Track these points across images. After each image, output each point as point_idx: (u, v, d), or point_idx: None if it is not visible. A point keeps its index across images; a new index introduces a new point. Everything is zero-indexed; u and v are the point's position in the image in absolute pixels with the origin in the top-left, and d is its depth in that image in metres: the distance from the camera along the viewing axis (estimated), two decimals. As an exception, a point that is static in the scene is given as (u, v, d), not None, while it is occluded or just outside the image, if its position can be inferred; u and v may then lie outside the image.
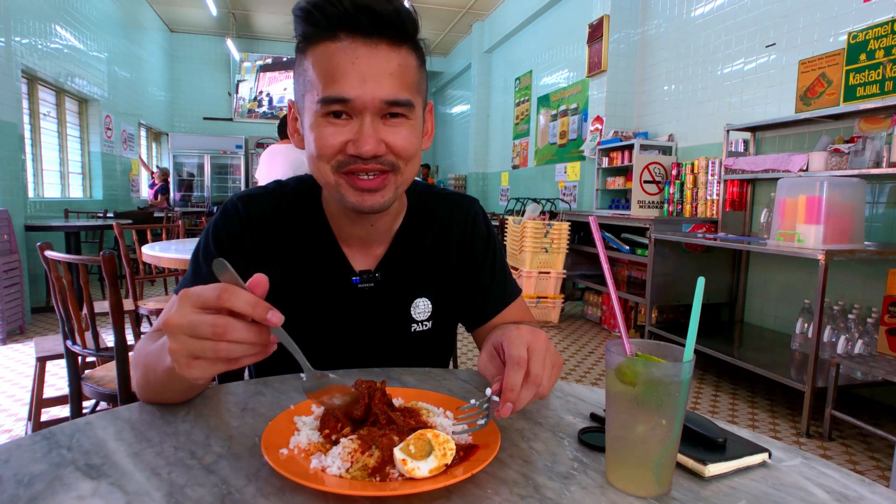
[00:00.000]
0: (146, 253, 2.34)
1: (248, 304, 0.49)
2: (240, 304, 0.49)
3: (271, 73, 10.61)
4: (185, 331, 0.50)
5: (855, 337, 2.68)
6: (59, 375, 2.95)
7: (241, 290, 0.50)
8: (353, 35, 0.69)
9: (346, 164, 0.72)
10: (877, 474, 2.16)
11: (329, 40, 0.70)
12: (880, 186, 2.89)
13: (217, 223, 0.84)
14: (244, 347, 0.50)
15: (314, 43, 0.71)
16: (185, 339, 0.50)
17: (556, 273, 4.67)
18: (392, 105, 0.71)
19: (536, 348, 0.62)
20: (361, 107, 0.70)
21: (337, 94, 0.69)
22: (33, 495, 0.47)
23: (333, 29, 0.69)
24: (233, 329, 0.49)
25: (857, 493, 0.52)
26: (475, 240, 0.94)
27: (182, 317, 0.50)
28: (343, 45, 0.69)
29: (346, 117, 0.71)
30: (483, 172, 9.14)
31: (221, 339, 0.49)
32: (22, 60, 4.75)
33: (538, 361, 0.61)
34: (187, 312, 0.50)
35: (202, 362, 0.50)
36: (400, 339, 0.89)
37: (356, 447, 0.53)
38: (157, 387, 0.67)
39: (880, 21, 2.88)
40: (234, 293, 0.49)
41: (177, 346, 0.51)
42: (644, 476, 0.51)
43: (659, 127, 4.79)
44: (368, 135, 0.70)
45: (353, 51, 0.69)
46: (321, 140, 0.71)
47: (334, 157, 0.72)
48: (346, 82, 0.69)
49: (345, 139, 0.71)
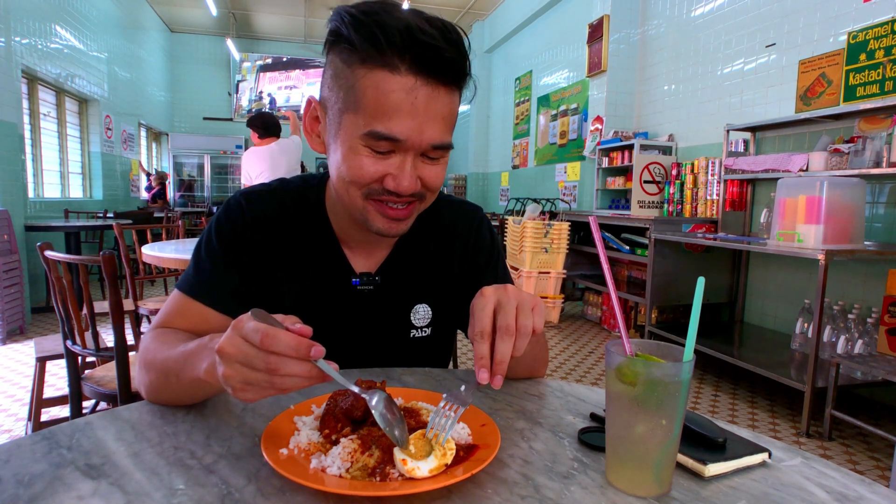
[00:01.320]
0: (146, 253, 2.34)
1: (290, 348, 0.51)
2: (282, 348, 0.51)
3: (271, 73, 10.61)
4: (239, 360, 0.52)
5: (855, 337, 2.68)
6: (59, 375, 2.95)
7: (281, 332, 0.51)
8: (416, 73, 0.66)
9: (379, 193, 0.72)
10: (877, 474, 2.16)
11: (388, 69, 0.65)
12: (880, 186, 2.89)
13: (220, 219, 0.84)
14: (296, 380, 0.52)
15: (368, 65, 0.66)
16: (239, 368, 0.52)
17: (556, 273, 4.67)
18: (436, 149, 0.71)
19: (503, 301, 0.61)
20: (408, 147, 0.69)
21: (389, 133, 0.67)
22: (33, 495, 0.47)
23: (394, 57, 0.65)
24: (284, 365, 0.51)
25: (857, 493, 0.52)
26: (478, 248, 0.94)
27: (235, 347, 0.52)
28: (404, 81, 0.65)
29: (390, 152, 0.70)
30: (483, 172, 9.14)
31: (275, 373, 0.51)
32: (22, 60, 4.75)
33: (507, 314, 0.59)
34: (240, 343, 0.52)
35: (256, 388, 0.53)
36: (398, 344, 0.89)
37: (356, 447, 0.53)
38: (177, 392, 0.67)
39: (880, 21, 2.87)
40: (276, 339, 0.51)
41: (231, 372, 0.53)
42: (644, 476, 0.51)
43: (659, 127, 4.79)
44: (410, 174, 0.70)
45: (414, 91, 0.66)
46: (359, 169, 0.70)
47: (368, 185, 0.71)
48: (401, 122, 0.66)
49: (384, 172, 0.70)
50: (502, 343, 0.58)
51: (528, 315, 0.60)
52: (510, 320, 0.59)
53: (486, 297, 0.61)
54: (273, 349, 0.50)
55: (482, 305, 0.61)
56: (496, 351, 0.58)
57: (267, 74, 10.60)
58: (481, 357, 0.58)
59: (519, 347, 0.59)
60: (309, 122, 0.79)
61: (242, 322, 0.53)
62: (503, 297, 0.61)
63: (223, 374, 0.53)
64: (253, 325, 0.52)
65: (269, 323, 0.53)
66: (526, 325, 0.59)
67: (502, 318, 0.59)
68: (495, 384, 0.56)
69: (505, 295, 0.61)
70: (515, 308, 0.60)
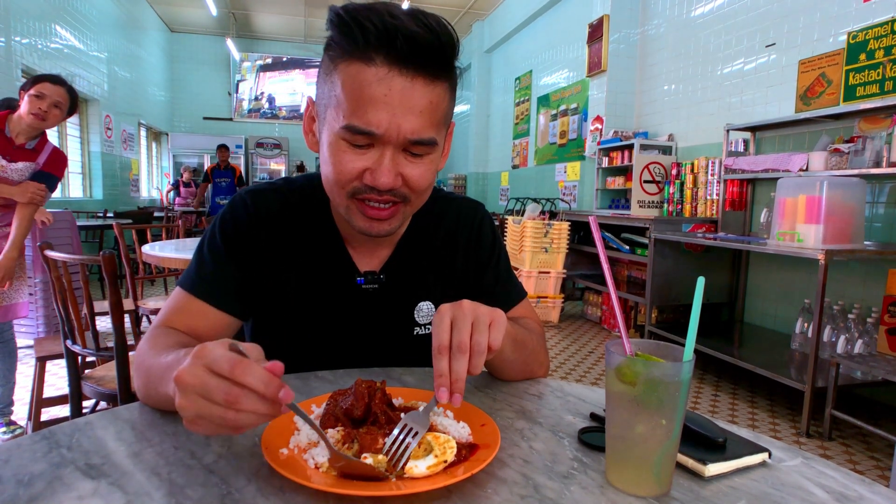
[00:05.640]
0: (146, 253, 2.34)
1: (262, 383, 0.48)
2: (253, 381, 0.48)
3: (271, 73, 10.62)
4: (197, 391, 0.48)
5: (855, 337, 2.68)
6: (59, 375, 2.94)
7: (255, 366, 0.48)
8: (390, 63, 0.65)
9: (361, 192, 0.72)
10: (877, 474, 2.16)
11: (363, 62, 0.65)
12: (880, 186, 2.89)
13: (224, 216, 0.84)
14: (252, 417, 0.49)
15: (347, 60, 0.67)
16: (195, 399, 0.49)
17: (556, 273, 4.67)
18: (415, 144, 0.69)
19: (458, 318, 0.61)
20: (385, 141, 0.68)
21: (363, 126, 0.66)
22: (33, 495, 0.47)
23: (369, 50, 0.65)
24: (245, 400, 0.48)
25: (857, 493, 0.52)
26: (481, 244, 0.94)
27: (195, 377, 0.49)
28: (378, 72, 0.65)
29: (368, 146, 0.69)
30: (483, 172, 9.14)
31: (231, 407, 0.48)
32: (22, 60, 4.75)
33: (460, 331, 0.59)
34: (201, 373, 0.49)
35: (208, 423, 0.49)
36: (402, 342, 0.89)
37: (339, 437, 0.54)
38: (159, 402, 0.67)
39: (880, 21, 2.87)
40: (248, 370, 0.48)
41: (186, 403, 0.49)
42: (644, 476, 0.51)
43: (659, 127, 4.79)
44: (387, 168, 0.69)
45: (388, 81, 0.65)
46: (339, 165, 0.70)
47: (350, 183, 0.71)
48: (375, 115, 0.66)
49: (363, 166, 0.70)
50: (456, 362, 0.58)
51: (482, 332, 0.60)
52: (464, 337, 0.59)
53: (442, 313, 0.61)
54: (242, 380, 0.47)
55: (437, 321, 0.61)
56: (452, 370, 0.58)
57: (267, 74, 10.61)
58: (440, 375, 0.57)
59: (475, 365, 0.59)
60: (307, 121, 0.79)
61: (207, 350, 0.50)
62: (458, 313, 0.61)
63: (178, 404, 0.50)
64: (221, 354, 0.49)
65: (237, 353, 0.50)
66: (480, 342, 0.59)
67: (456, 336, 0.59)
68: (454, 402, 0.56)
69: (460, 311, 0.61)
70: (471, 325, 0.60)
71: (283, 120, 10.82)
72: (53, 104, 2.13)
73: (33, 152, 2.19)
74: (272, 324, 0.86)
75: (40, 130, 2.20)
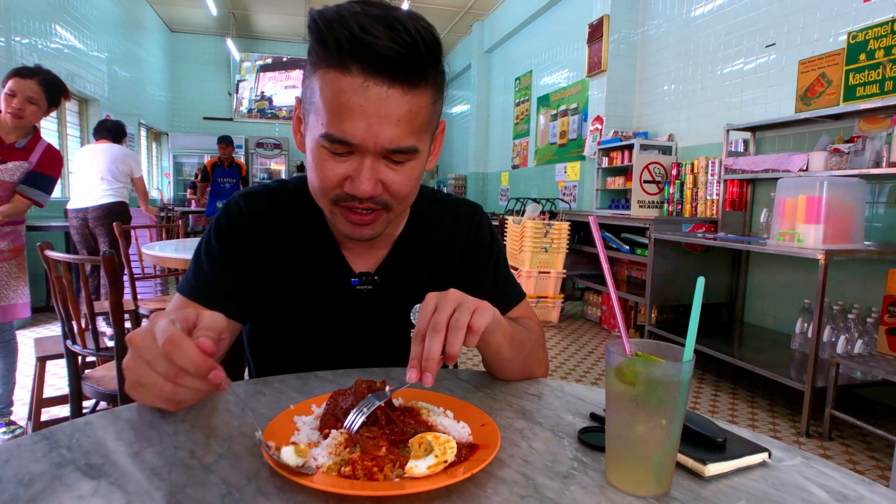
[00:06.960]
0: (146, 253, 2.34)
1: (191, 363, 0.49)
2: (182, 361, 0.49)
3: (271, 73, 10.61)
4: (143, 355, 0.50)
5: (855, 337, 2.68)
6: (59, 375, 2.94)
7: (187, 346, 0.49)
8: (366, 72, 0.64)
9: (343, 199, 0.72)
10: (877, 474, 2.16)
11: (340, 70, 0.64)
12: (880, 186, 2.89)
13: (219, 220, 0.85)
14: (189, 392, 0.50)
15: (324, 67, 0.66)
16: (141, 363, 0.50)
17: (556, 273, 4.68)
18: (397, 153, 0.69)
19: (441, 303, 0.61)
20: (363, 150, 0.68)
21: (340, 136, 0.66)
22: (33, 495, 0.47)
23: (344, 58, 0.64)
24: (184, 378, 0.49)
25: (857, 493, 0.52)
26: (478, 246, 0.94)
27: (145, 342, 0.50)
28: (353, 81, 0.64)
29: (348, 153, 0.69)
30: (483, 172, 9.14)
31: (170, 380, 0.49)
32: (22, 60, 4.75)
33: (440, 313, 0.60)
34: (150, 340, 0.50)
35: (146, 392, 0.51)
36: (398, 343, 0.89)
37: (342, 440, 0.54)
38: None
39: (880, 21, 2.87)
40: (179, 349, 0.49)
41: (133, 364, 0.51)
42: (644, 476, 0.51)
43: (659, 127, 4.79)
44: (366, 177, 0.69)
45: (364, 91, 0.64)
46: (321, 173, 0.70)
47: (332, 191, 0.71)
48: (352, 125, 0.65)
49: (344, 174, 0.70)
50: (430, 341, 0.58)
51: (465, 313, 0.60)
52: (441, 318, 0.59)
53: (427, 301, 0.62)
54: (172, 359, 0.48)
55: (422, 308, 0.61)
56: (425, 348, 0.58)
57: (267, 74, 10.60)
58: (413, 357, 0.58)
59: (452, 343, 0.59)
60: (295, 122, 0.79)
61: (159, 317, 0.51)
62: (442, 300, 0.62)
63: (125, 363, 0.51)
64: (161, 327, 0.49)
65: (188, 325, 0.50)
66: (459, 318, 0.60)
67: (435, 317, 0.60)
68: (425, 382, 0.57)
69: (444, 298, 0.62)
70: (453, 309, 0.60)
71: (283, 120, 10.82)
72: (27, 100, 2.07)
73: (24, 151, 2.15)
74: (270, 325, 0.87)
75: (27, 129, 2.17)
